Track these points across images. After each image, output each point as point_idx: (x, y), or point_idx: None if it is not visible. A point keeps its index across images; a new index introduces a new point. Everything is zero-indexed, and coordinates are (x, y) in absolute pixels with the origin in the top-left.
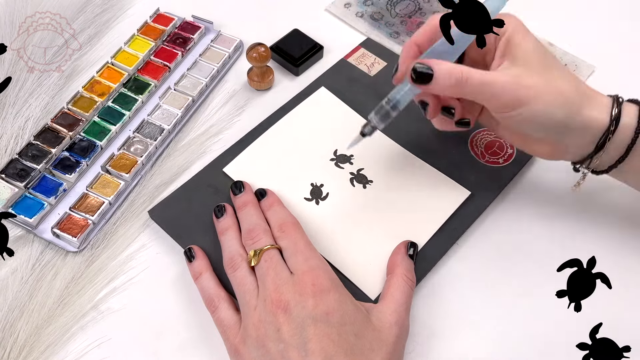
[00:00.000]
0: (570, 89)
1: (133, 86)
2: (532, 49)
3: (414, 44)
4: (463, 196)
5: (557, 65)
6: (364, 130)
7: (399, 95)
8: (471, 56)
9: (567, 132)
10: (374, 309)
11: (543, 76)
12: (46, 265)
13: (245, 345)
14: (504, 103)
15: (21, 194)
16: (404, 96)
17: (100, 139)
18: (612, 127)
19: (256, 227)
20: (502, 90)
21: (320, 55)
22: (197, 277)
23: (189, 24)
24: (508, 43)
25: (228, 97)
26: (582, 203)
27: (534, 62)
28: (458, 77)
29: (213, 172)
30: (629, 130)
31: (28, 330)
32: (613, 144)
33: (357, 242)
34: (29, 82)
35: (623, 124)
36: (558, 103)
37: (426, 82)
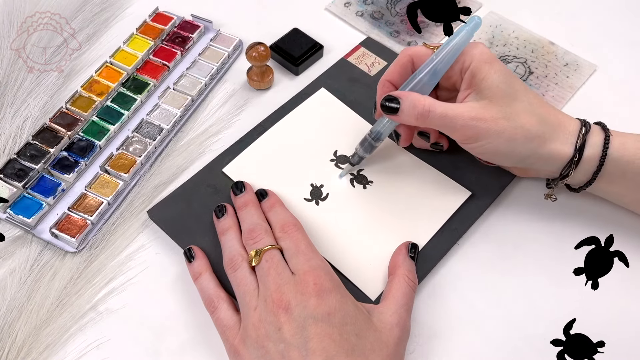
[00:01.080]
0: (534, 121)
1: (132, 86)
2: (497, 81)
3: (387, 81)
4: (464, 196)
5: (523, 97)
6: (352, 160)
7: (379, 127)
8: (444, 86)
9: (532, 163)
10: (375, 310)
11: (506, 110)
12: (44, 266)
13: (245, 346)
14: (466, 136)
15: (19, 194)
16: (385, 128)
17: (99, 139)
18: (575, 159)
19: (257, 227)
20: (463, 124)
21: (320, 55)
22: (196, 278)
23: (188, 23)
24: (473, 76)
25: (227, 96)
26: (583, 203)
27: (498, 95)
28: (421, 109)
29: (212, 172)
30: (593, 160)
31: (26, 331)
32: (579, 172)
33: (357, 242)
34: (28, 81)
35: (587, 155)
36: (520, 137)
37: (393, 114)
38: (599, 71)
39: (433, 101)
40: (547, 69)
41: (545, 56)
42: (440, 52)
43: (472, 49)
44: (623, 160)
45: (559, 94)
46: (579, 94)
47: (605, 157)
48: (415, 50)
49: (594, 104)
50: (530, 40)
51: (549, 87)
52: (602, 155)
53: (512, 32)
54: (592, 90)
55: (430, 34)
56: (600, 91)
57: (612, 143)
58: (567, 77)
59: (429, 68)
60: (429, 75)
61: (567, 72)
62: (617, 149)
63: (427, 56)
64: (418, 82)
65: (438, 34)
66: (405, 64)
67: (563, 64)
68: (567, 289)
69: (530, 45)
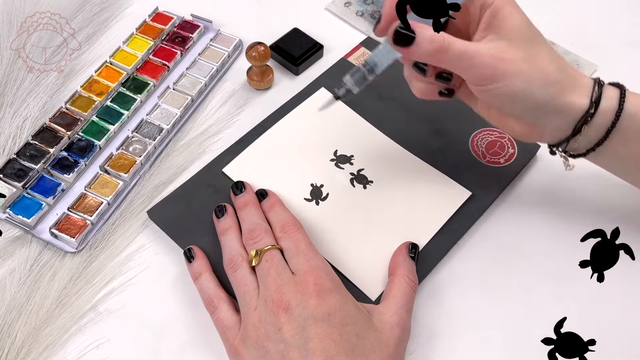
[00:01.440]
0: (553, 68)
1: (132, 85)
2: (518, 23)
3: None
4: (464, 196)
5: (542, 43)
6: (338, 93)
7: (377, 58)
8: (454, 24)
9: (545, 112)
10: (375, 310)
11: (527, 52)
12: (44, 266)
13: (245, 346)
14: (482, 75)
15: (19, 194)
16: (382, 59)
17: (99, 139)
18: (591, 110)
19: (257, 227)
20: (481, 62)
21: (320, 55)
22: (196, 278)
23: (188, 22)
24: (494, 16)
25: (227, 96)
26: (584, 203)
27: (518, 37)
28: (440, 44)
29: (212, 172)
30: (609, 113)
31: (26, 332)
32: (592, 127)
33: (357, 242)
34: (27, 81)
35: (603, 107)
36: (539, 82)
37: (407, 45)
38: (600, 71)
39: (451, 37)
40: None
41: None
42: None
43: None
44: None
45: None
46: None
47: (622, 110)
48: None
49: None
50: None
51: None
52: (618, 109)
53: None
54: None
55: None
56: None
57: (629, 99)
58: None
59: None
60: None
61: None
62: (634, 105)
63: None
64: None
65: None
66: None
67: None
68: (569, 290)
69: None
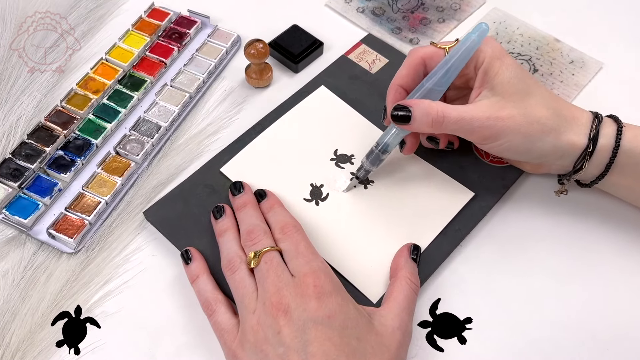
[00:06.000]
0: (548, 115)
1: (128, 83)
2: (508, 77)
3: (398, 86)
4: (467, 197)
5: (536, 90)
6: (358, 174)
7: (386, 138)
8: (453, 84)
9: (547, 156)
10: (376, 313)
11: (521, 105)
12: (38, 268)
13: (244, 350)
14: (483, 136)
15: (15, 194)
16: (392, 139)
17: (96, 137)
18: (589, 149)
19: (256, 228)
20: (479, 126)
21: (320, 52)
22: (194, 280)
23: (185, 18)
24: (485, 73)
25: (225, 94)
26: (587, 204)
27: (511, 90)
28: (434, 116)
29: (210, 172)
30: (606, 152)
31: (21, 335)
32: (592, 163)
33: (357, 244)
34: (21, 79)
35: (601, 145)
36: (537, 133)
37: (406, 123)
38: (605, 69)
39: (446, 106)
40: (552, 66)
41: (550, 53)
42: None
43: (484, 45)
44: (636, 151)
45: (564, 92)
46: (585, 92)
47: (619, 147)
48: (426, 51)
49: (600, 102)
50: (535, 37)
51: (554, 84)
52: (615, 146)
53: (517, 28)
54: (598, 89)
55: (433, 30)
56: (607, 89)
57: (625, 134)
58: (572, 75)
59: (439, 75)
60: (440, 83)
61: (573, 70)
62: (630, 140)
63: (438, 56)
64: (430, 91)
65: (441, 30)
66: (417, 67)
67: (568, 61)
68: (573, 291)
69: (535, 42)
